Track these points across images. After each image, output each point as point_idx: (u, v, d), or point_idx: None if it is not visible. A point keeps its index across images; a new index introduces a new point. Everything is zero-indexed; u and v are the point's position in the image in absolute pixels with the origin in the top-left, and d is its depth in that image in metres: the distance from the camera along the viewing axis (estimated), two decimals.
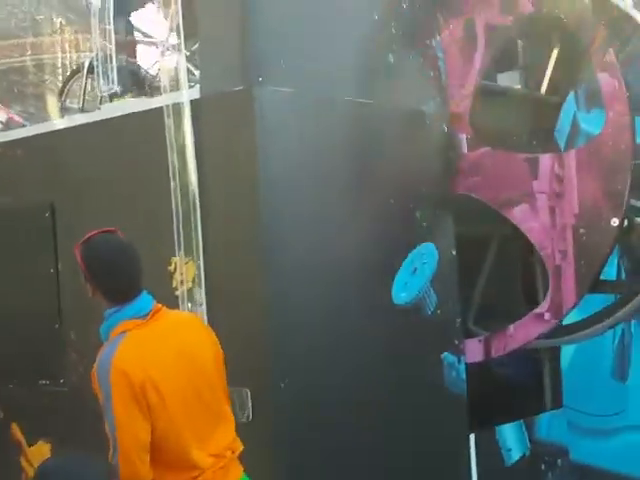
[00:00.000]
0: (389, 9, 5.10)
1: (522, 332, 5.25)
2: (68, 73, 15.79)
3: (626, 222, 5.07)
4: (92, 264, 3.54)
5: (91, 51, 7.87)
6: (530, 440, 5.75)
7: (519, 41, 6.05)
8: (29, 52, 17.79)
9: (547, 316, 5.16)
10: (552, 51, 5.82)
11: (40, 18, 15.05)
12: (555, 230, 5.11)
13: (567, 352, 6.10)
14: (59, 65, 17.55)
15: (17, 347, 5.58)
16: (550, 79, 5.92)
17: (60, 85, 14.23)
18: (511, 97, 5.94)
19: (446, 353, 5.11)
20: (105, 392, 3.35)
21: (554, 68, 5.87)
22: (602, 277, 5.33)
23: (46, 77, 17.32)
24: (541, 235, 5.16)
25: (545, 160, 5.15)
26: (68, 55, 17.45)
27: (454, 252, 5.23)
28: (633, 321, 6.70)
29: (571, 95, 5.99)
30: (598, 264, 5.04)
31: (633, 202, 5.19)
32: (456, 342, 5.16)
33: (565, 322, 5.49)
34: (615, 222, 4.93)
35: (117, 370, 3.32)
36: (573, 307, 5.16)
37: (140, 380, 3.31)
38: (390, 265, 4.89)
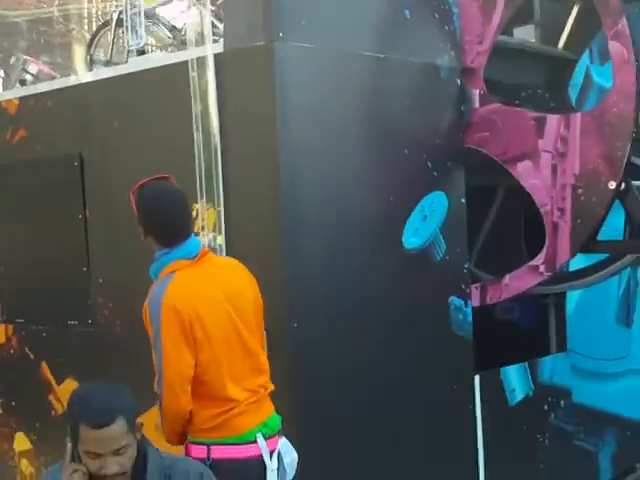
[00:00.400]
0: None
1: (517, 282, 5.44)
2: (95, 25, 15.95)
3: (623, 185, 5.22)
4: (146, 208, 3.74)
5: (118, 2, 8.05)
6: (534, 381, 5.94)
7: None
8: (56, 2, 17.91)
9: (542, 268, 5.35)
10: (572, 8, 5.98)
11: None
12: (555, 188, 5.28)
13: (572, 297, 6.28)
14: (85, 15, 17.68)
15: (47, 290, 5.81)
16: (568, 35, 6.07)
17: (87, 35, 14.40)
18: (526, 52, 6.07)
19: (453, 297, 5.32)
20: (155, 327, 3.57)
21: (572, 24, 6.02)
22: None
23: (72, 27, 17.44)
24: (542, 192, 5.33)
25: (552, 120, 5.29)
26: (95, 5, 17.58)
27: (463, 201, 5.42)
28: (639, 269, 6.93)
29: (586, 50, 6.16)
30: (594, 223, 5.21)
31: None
32: (463, 287, 5.37)
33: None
34: (612, 185, 5.09)
35: (168, 306, 3.54)
36: (566, 262, 5.37)
37: (188, 315, 3.54)
38: (402, 211, 5.08)
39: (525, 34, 6.36)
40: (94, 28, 14.39)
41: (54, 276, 5.75)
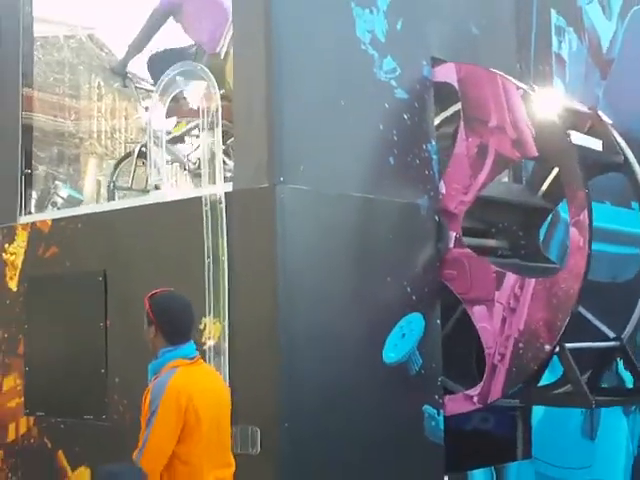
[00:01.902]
0: (392, 120, 6.09)
1: (452, 405, 6.17)
2: (105, 139, 16.80)
3: (557, 348, 5.89)
4: (160, 311, 4.51)
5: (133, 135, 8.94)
6: None
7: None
8: (70, 116, 18.68)
9: (475, 399, 6.09)
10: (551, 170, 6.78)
11: (86, 87, 15.91)
12: (500, 336, 6.00)
13: (539, 408, 6.91)
14: (95, 130, 18.56)
15: (67, 387, 6.52)
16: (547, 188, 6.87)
17: (98, 147, 15.26)
18: (504, 205, 6.83)
19: (427, 406, 6.01)
20: (154, 407, 4.29)
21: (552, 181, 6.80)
22: None
23: (86, 141, 18.24)
24: (489, 336, 6.05)
25: (510, 278, 6.01)
26: (107, 122, 18.44)
27: (438, 322, 6.17)
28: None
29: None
30: (526, 375, 5.95)
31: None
32: (436, 397, 6.08)
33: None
34: (547, 348, 5.84)
35: (170, 392, 4.27)
36: (496, 400, 6.05)
37: (186, 402, 4.27)
38: (384, 330, 5.84)
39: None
40: (104, 141, 15.26)
41: (75, 376, 6.47)
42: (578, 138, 6.05)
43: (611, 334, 6.33)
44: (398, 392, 5.91)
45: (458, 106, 6.58)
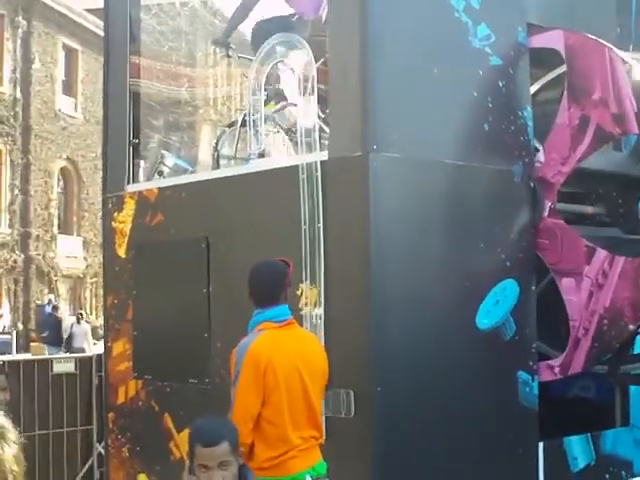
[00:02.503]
0: (486, 87, 6.13)
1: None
2: (220, 106, 17.11)
3: None
4: (250, 276, 4.80)
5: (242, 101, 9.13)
6: (596, 452, 6.53)
7: None
8: (185, 84, 19.00)
9: (556, 370, 6.13)
10: None
11: (198, 54, 16.15)
12: (586, 310, 6.01)
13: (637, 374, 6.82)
14: (211, 97, 18.90)
15: (172, 352, 6.76)
16: None
17: (213, 115, 15.57)
18: (604, 174, 6.79)
19: (521, 371, 6.07)
20: (237, 369, 4.53)
21: None
22: None
23: (200, 109, 18.57)
24: (575, 309, 6.07)
25: (600, 254, 6.00)
26: (220, 89, 18.75)
27: (533, 288, 6.20)
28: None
29: None
30: (608, 351, 6.00)
31: None
32: (530, 363, 6.12)
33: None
34: (631, 328, 5.87)
35: (250, 354, 4.51)
36: (578, 373, 6.11)
37: (264, 364, 4.47)
38: (477, 296, 5.90)
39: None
40: (219, 107, 15.54)
41: (180, 341, 6.72)
42: None
43: None
44: (492, 358, 5.97)
45: (559, 71, 6.56)
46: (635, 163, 6.83)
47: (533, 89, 6.65)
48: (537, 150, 6.37)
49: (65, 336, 20.15)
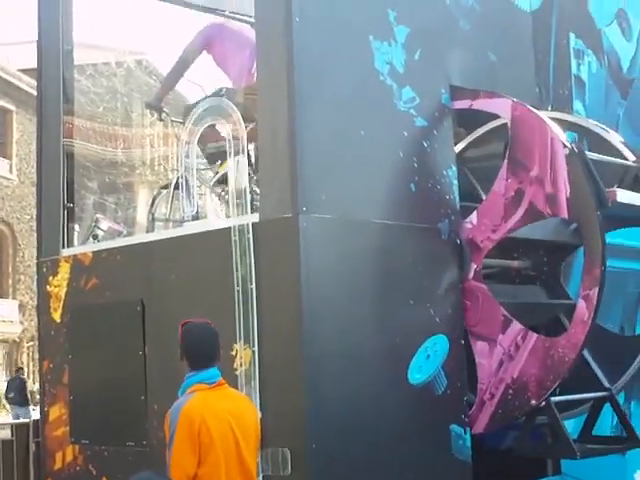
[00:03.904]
0: (412, 147, 6.31)
1: None
2: (157, 167, 17.14)
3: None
4: (184, 338, 4.87)
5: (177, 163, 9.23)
6: None
7: None
8: (120, 144, 18.99)
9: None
10: None
11: (135, 114, 16.14)
12: (495, 377, 6.25)
13: (568, 424, 6.95)
14: (147, 157, 18.95)
15: (109, 415, 6.76)
16: None
17: (149, 176, 15.62)
18: (529, 242, 6.87)
19: (454, 425, 6.19)
20: (172, 430, 4.59)
21: None
22: None
23: (136, 169, 18.52)
24: (485, 373, 6.29)
25: (515, 326, 6.20)
26: (157, 150, 18.77)
27: (462, 342, 6.34)
28: (632, 401, 7.71)
29: None
30: (509, 421, 6.27)
31: None
32: (462, 416, 6.24)
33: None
34: (533, 403, 6.11)
35: (184, 415, 4.58)
36: (482, 432, 6.31)
37: (198, 424, 4.54)
38: (409, 351, 6.03)
39: None
40: (155, 170, 15.58)
41: (117, 403, 6.72)
42: (624, 196, 6.20)
43: (606, 383, 6.54)
44: (424, 412, 6.09)
45: (485, 128, 6.84)
46: (563, 229, 7.00)
47: (460, 147, 6.88)
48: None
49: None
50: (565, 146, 6.12)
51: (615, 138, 7.04)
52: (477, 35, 7.01)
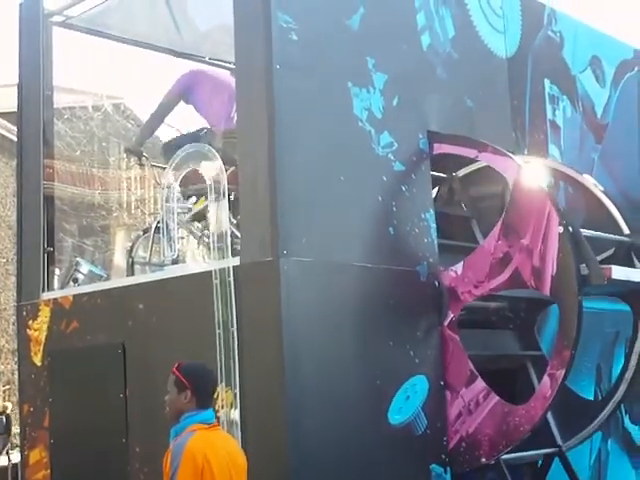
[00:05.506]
0: (391, 192, 6.41)
1: None
2: (133, 209, 17.20)
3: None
4: (195, 377, 4.88)
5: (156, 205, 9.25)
6: None
7: None
8: (98, 187, 19.01)
9: None
10: None
11: (112, 159, 16.28)
12: (451, 428, 6.40)
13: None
14: (125, 200, 19.02)
15: (91, 458, 6.77)
16: None
17: (126, 219, 15.68)
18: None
19: (434, 464, 6.25)
20: (174, 467, 4.62)
21: None
22: None
23: (113, 212, 18.53)
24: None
25: (479, 384, 6.29)
26: (134, 192, 18.83)
27: (442, 383, 6.41)
28: (609, 439, 7.79)
29: None
30: (460, 470, 6.39)
31: None
32: (443, 456, 6.30)
33: None
34: (483, 460, 6.27)
35: (188, 451, 4.62)
36: None
37: (201, 462, 4.60)
38: (389, 392, 6.09)
39: None
40: (132, 213, 15.63)
41: (98, 446, 6.73)
42: (619, 272, 6.24)
43: (559, 441, 6.71)
44: (405, 452, 6.13)
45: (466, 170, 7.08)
46: None
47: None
48: None
49: None
50: (560, 224, 6.09)
51: (590, 182, 7.17)
52: (454, 81, 7.15)
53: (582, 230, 6.31)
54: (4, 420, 22.39)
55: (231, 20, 6.29)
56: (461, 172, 7.39)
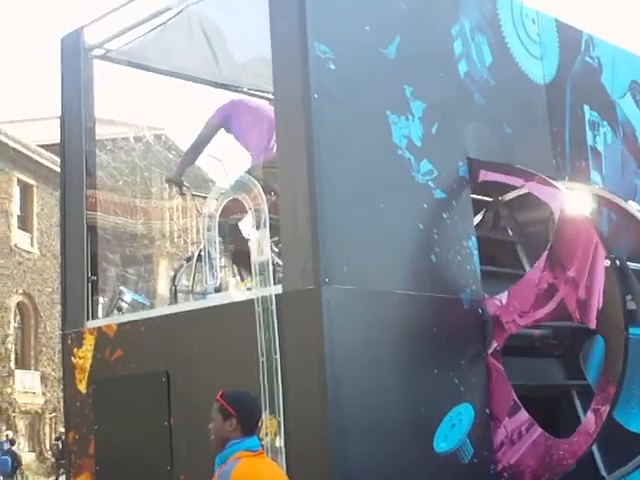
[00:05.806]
0: (432, 219, 6.44)
1: None
2: (176, 239, 17.33)
3: None
4: (241, 405, 4.85)
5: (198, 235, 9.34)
6: None
7: None
8: (140, 216, 19.13)
9: None
10: None
11: (154, 189, 16.33)
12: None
13: None
14: (167, 230, 19.17)
15: None
16: None
17: (169, 248, 15.81)
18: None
19: None
20: None
21: None
22: None
23: (156, 242, 18.64)
24: None
25: (523, 415, 6.24)
26: (176, 222, 18.97)
27: (488, 411, 6.39)
28: None
29: None
30: None
31: None
32: None
33: None
34: None
35: (235, 478, 4.61)
36: None
37: None
38: (433, 420, 6.08)
39: None
40: (175, 242, 15.75)
41: (142, 474, 6.78)
42: None
43: (603, 472, 6.60)
44: None
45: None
46: None
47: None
48: None
49: None
50: (607, 257, 6.02)
51: (633, 208, 7.13)
52: (492, 108, 7.17)
53: (629, 263, 6.26)
54: (60, 446, 22.68)
55: (269, 52, 6.37)
56: (507, 196, 7.37)
